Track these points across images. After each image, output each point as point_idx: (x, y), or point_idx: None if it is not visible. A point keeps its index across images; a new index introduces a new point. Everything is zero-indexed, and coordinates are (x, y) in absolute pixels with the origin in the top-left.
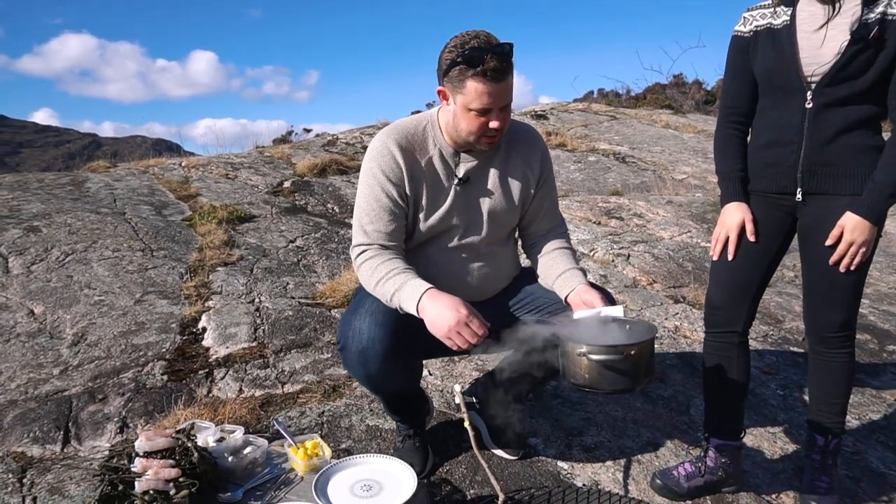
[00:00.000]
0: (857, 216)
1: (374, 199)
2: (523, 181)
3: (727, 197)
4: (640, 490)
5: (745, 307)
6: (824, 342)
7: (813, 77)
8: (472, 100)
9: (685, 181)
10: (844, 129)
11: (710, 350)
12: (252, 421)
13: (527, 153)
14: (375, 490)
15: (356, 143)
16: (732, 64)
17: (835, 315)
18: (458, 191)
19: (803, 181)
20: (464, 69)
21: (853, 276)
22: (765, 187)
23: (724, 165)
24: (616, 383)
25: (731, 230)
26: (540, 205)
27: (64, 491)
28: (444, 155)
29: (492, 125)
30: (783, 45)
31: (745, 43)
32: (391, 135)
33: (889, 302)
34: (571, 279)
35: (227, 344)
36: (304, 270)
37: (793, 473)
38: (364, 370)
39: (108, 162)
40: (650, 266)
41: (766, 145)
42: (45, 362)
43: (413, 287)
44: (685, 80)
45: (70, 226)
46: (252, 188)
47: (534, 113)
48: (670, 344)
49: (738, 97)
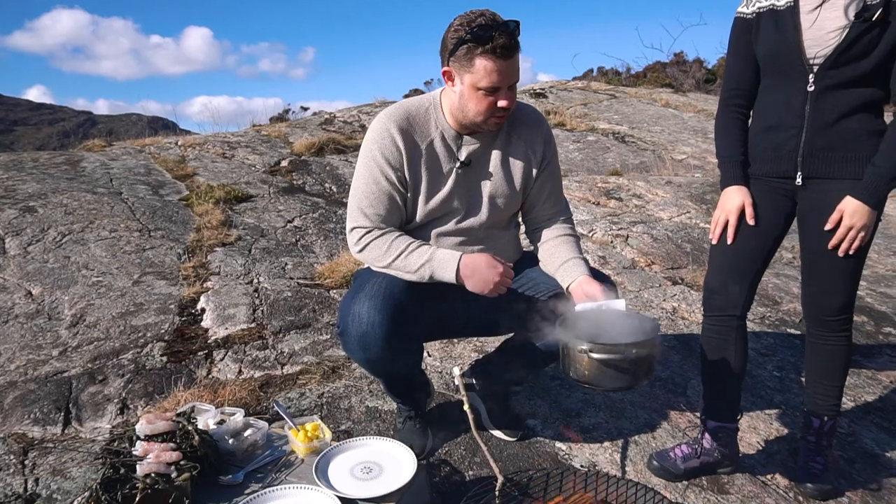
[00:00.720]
0: (856, 201)
1: (374, 181)
2: (525, 164)
3: (727, 180)
4: (637, 471)
5: (743, 291)
6: (822, 325)
7: (815, 59)
8: (480, 78)
9: (685, 161)
10: (846, 113)
11: (709, 333)
12: (252, 402)
13: (530, 135)
14: (376, 472)
15: (353, 122)
16: (735, 45)
17: (833, 299)
18: (460, 174)
19: (804, 165)
20: (472, 47)
21: (852, 260)
22: (765, 171)
23: (725, 149)
24: (616, 381)
25: (731, 214)
26: (542, 188)
27: (66, 472)
28: (445, 137)
29: (500, 104)
30: (786, 26)
31: (748, 24)
32: (392, 117)
33: (887, 284)
34: (574, 269)
35: (225, 325)
36: (303, 251)
37: (788, 455)
38: (364, 354)
39: (104, 141)
40: (649, 247)
41: (767, 129)
42: (44, 343)
43: (444, 256)
44: (686, 58)
45: (66, 206)
46: (249, 167)
47: (533, 91)
48: (668, 325)
49: (741, 79)
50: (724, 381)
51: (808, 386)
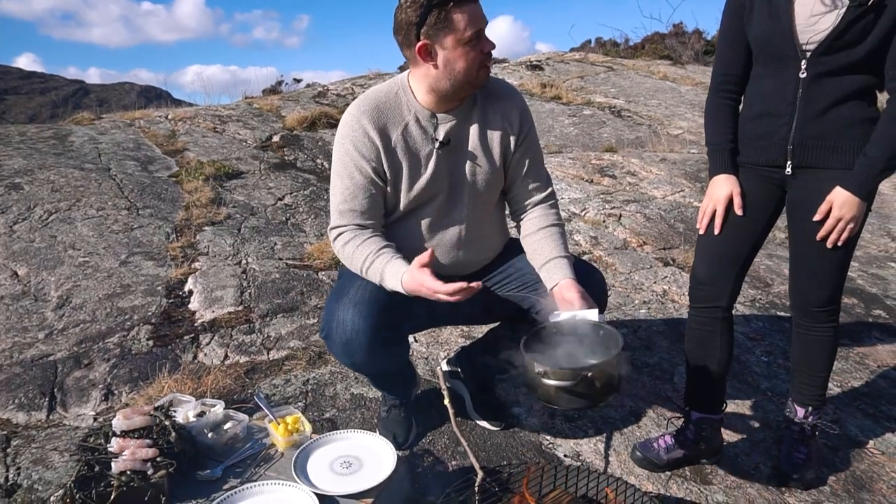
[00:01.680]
0: (846, 192)
1: (349, 176)
2: (504, 136)
3: (716, 169)
4: (621, 461)
5: (730, 282)
6: (809, 316)
7: (808, 45)
8: (462, 30)
9: (680, 136)
10: (838, 101)
11: (694, 324)
12: (237, 389)
13: (505, 108)
14: (356, 467)
15: (347, 95)
16: (727, 29)
17: (821, 290)
18: (440, 154)
19: (794, 154)
20: (441, 7)
21: (840, 251)
22: (754, 159)
23: (714, 137)
24: (573, 403)
25: (719, 203)
26: (521, 162)
27: (47, 461)
28: (420, 119)
29: (485, 49)
30: (779, 10)
31: (741, 7)
32: (361, 107)
33: (878, 265)
34: (556, 271)
35: (212, 308)
36: (293, 229)
37: (772, 443)
38: (349, 360)
39: (93, 114)
40: (641, 227)
41: (758, 116)
42: (29, 326)
43: (393, 273)
44: (685, 29)
45: (53, 183)
46: (240, 143)
47: (529, 63)
48: (658, 309)
49: (732, 64)
50: (709, 372)
51: (794, 375)
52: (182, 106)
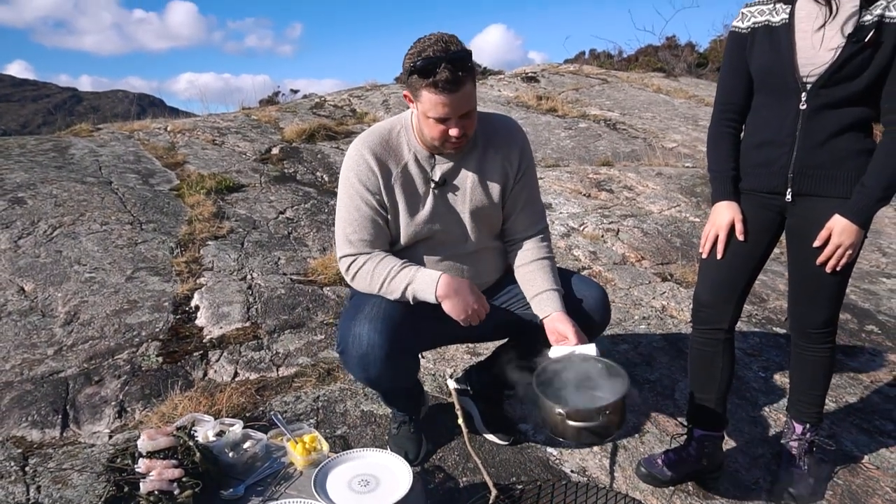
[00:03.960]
0: (845, 219)
1: (355, 208)
2: (502, 177)
3: (718, 196)
4: (626, 477)
5: (731, 305)
6: (807, 338)
7: (808, 78)
8: (428, 109)
9: (675, 150)
10: (837, 132)
11: (696, 345)
12: (249, 407)
13: (505, 148)
14: (373, 485)
15: (344, 106)
16: (729, 60)
17: (819, 313)
18: (437, 194)
19: (794, 182)
20: (418, 78)
21: (838, 276)
22: (755, 186)
23: (716, 164)
24: (588, 439)
25: (721, 230)
26: (518, 197)
27: (67, 480)
28: (419, 158)
29: (451, 133)
30: (780, 44)
31: (743, 39)
32: (367, 143)
33: (870, 280)
34: (548, 303)
35: (220, 324)
36: (295, 244)
37: (771, 458)
38: (365, 374)
39: (91, 125)
40: (639, 242)
41: (759, 145)
42: (38, 342)
43: (425, 277)
44: (678, 41)
45: (56, 197)
46: (240, 155)
47: (525, 75)
48: (657, 324)
49: (734, 94)
50: (711, 391)
51: (792, 392)
52: (178, 114)
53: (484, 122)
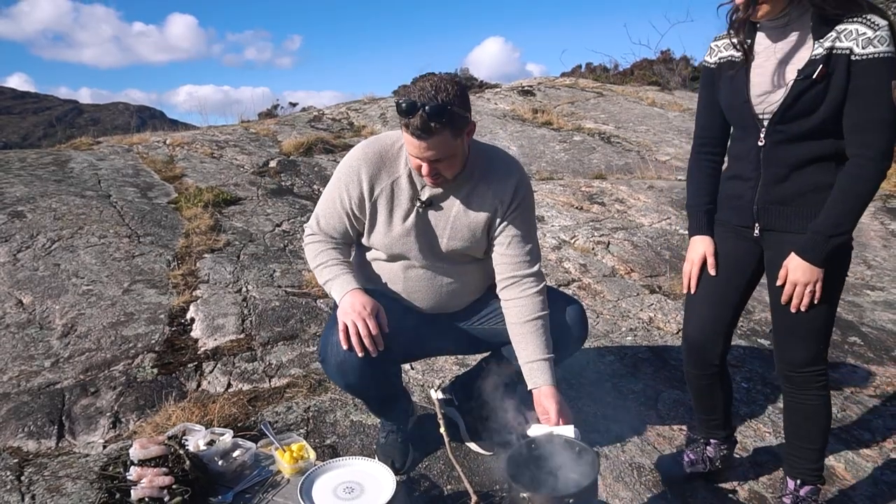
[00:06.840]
0: (798, 258)
1: (333, 201)
2: (490, 212)
3: (692, 230)
4: (606, 485)
5: (720, 339)
6: (789, 381)
7: (764, 115)
8: (405, 143)
9: (668, 163)
10: (799, 165)
11: (692, 378)
12: (241, 417)
13: (498, 184)
14: (357, 492)
15: (342, 119)
16: (702, 94)
17: (801, 348)
18: (420, 213)
19: (759, 216)
20: (399, 115)
21: (813, 313)
22: (729, 218)
23: (692, 198)
24: None
25: (694, 264)
26: (506, 233)
27: (62, 489)
28: (412, 176)
29: (423, 171)
30: (738, 80)
31: (711, 74)
32: (366, 150)
33: (855, 292)
34: (538, 374)
35: (215, 336)
36: (291, 256)
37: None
38: (344, 380)
39: (91, 138)
40: (629, 254)
41: (731, 178)
42: (36, 354)
43: (341, 285)
44: (672, 55)
45: (55, 210)
46: (238, 168)
47: (521, 88)
48: (644, 336)
49: (710, 128)
50: (717, 412)
51: (786, 442)
52: (177, 126)
53: (485, 156)
